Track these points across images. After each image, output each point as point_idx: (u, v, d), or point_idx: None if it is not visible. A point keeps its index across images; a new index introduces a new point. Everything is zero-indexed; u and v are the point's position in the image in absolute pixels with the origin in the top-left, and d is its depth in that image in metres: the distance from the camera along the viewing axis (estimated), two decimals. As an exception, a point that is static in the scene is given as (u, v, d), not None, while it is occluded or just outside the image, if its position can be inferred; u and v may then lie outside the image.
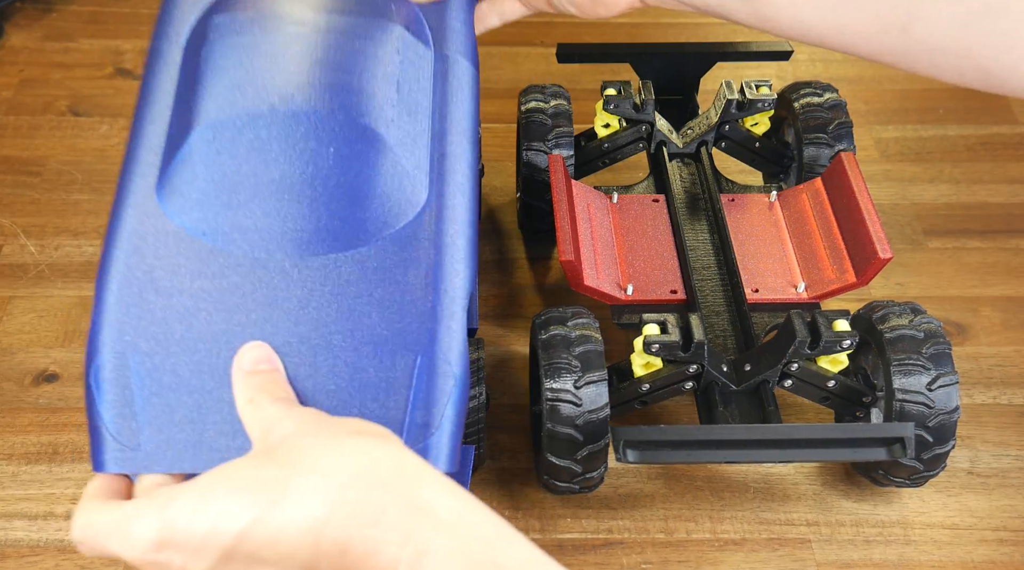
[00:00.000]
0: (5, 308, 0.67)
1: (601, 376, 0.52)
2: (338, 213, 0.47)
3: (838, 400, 0.57)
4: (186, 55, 0.53)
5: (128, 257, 0.47)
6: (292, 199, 0.47)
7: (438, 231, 0.48)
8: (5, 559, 0.55)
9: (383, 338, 0.45)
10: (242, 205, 0.47)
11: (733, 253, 0.62)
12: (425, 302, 0.46)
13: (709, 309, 0.60)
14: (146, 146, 0.50)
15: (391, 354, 0.45)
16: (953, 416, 0.53)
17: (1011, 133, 0.82)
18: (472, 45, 0.56)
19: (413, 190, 0.49)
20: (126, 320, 0.45)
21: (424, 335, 0.45)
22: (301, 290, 0.46)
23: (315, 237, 0.47)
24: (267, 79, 0.49)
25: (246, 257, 0.47)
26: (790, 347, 0.53)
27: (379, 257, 0.47)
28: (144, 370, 0.45)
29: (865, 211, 0.59)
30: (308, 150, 0.48)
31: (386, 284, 0.46)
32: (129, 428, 0.44)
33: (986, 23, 0.45)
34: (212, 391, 0.45)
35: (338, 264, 0.47)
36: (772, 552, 0.57)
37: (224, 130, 0.48)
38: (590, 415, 0.52)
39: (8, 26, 0.89)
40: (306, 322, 0.46)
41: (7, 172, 0.77)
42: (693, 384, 0.55)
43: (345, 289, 0.46)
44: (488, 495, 0.59)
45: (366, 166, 0.48)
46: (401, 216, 0.48)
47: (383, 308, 0.46)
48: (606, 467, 0.55)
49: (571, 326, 0.54)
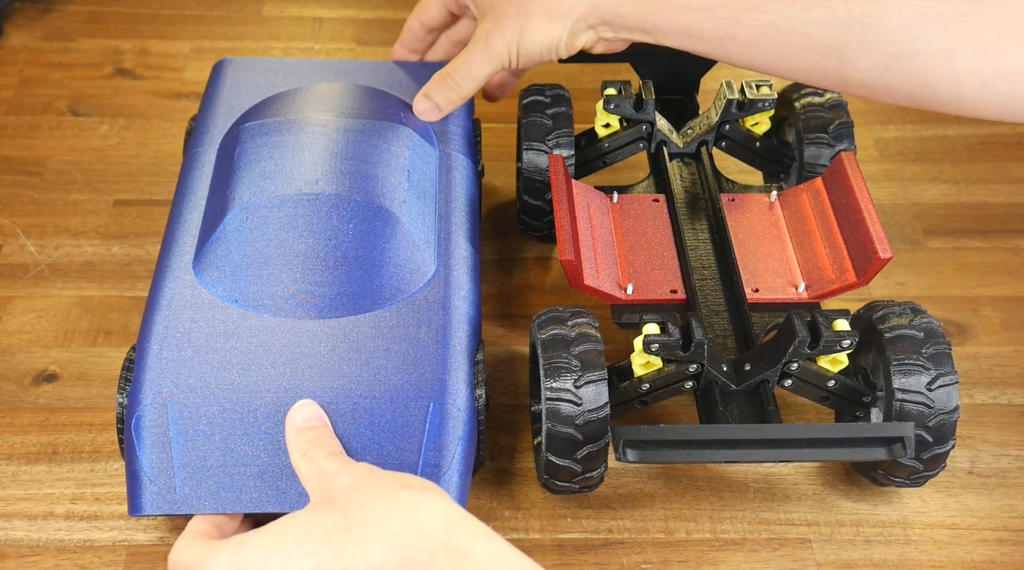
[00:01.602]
0: (5, 308, 0.67)
1: (601, 376, 0.52)
2: (357, 280, 0.54)
3: (838, 400, 0.56)
4: (220, 155, 0.61)
5: (166, 321, 0.53)
6: (316, 268, 0.54)
7: (445, 296, 0.55)
8: (5, 559, 0.55)
9: (398, 388, 0.51)
10: (271, 275, 0.54)
11: (733, 253, 0.62)
12: (436, 356, 0.52)
13: (709, 309, 0.60)
14: (183, 229, 0.58)
15: (405, 402, 0.51)
16: (953, 416, 0.53)
17: (1011, 133, 0.82)
18: (469, 144, 0.65)
19: (423, 261, 0.56)
20: (164, 375, 0.51)
21: (435, 385, 0.51)
22: (324, 347, 0.52)
23: (336, 301, 0.53)
24: (293, 168, 0.57)
25: (274, 320, 0.53)
26: (790, 347, 0.53)
27: (394, 318, 0.53)
28: (181, 419, 0.50)
29: (865, 211, 0.59)
30: (331, 228, 0.55)
31: (400, 341, 0.52)
32: (166, 473, 0.49)
33: (903, 65, 0.53)
34: (244, 438, 0.50)
35: (358, 325, 0.53)
36: (772, 552, 0.57)
37: (255, 211, 0.55)
38: (590, 415, 0.52)
39: (8, 26, 0.89)
40: (328, 375, 0.51)
41: (7, 172, 0.77)
42: (693, 384, 0.55)
43: (364, 345, 0.52)
44: (488, 495, 0.59)
45: (381, 240, 0.55)
46: (413, 283, 0.55)
47: (398, 362, 0.52)
48: (606, 466, 0.55)
49: (571, 325, 0.54)
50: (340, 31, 0.90)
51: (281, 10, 0.92)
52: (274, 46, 0.88)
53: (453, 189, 0.61)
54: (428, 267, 0.56)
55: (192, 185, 0.60)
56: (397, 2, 0.93)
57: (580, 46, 0.61)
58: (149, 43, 0.88)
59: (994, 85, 0.52)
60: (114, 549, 0.55)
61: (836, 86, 0.57)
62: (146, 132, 0.80)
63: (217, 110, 0.65)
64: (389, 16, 0.92)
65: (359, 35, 0.90)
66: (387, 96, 0.65)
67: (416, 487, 0.44)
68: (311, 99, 0.63)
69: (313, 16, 0.92)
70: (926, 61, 0.52)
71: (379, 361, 0.51)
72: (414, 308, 0.54)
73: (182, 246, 0.56)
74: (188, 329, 0.52)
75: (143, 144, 0.79)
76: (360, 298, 0.54)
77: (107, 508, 0.57)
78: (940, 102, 0.54)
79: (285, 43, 0.89)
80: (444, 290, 0.55)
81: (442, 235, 0.58)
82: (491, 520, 0.58)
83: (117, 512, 0.57)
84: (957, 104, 0.54)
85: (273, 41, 0.89)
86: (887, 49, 0.53)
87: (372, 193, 0.56)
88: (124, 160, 0.78)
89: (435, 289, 0.55)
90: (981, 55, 0.52)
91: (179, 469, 0.49)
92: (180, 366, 0.51)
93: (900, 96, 0.55)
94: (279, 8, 0.92)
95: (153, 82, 0.85)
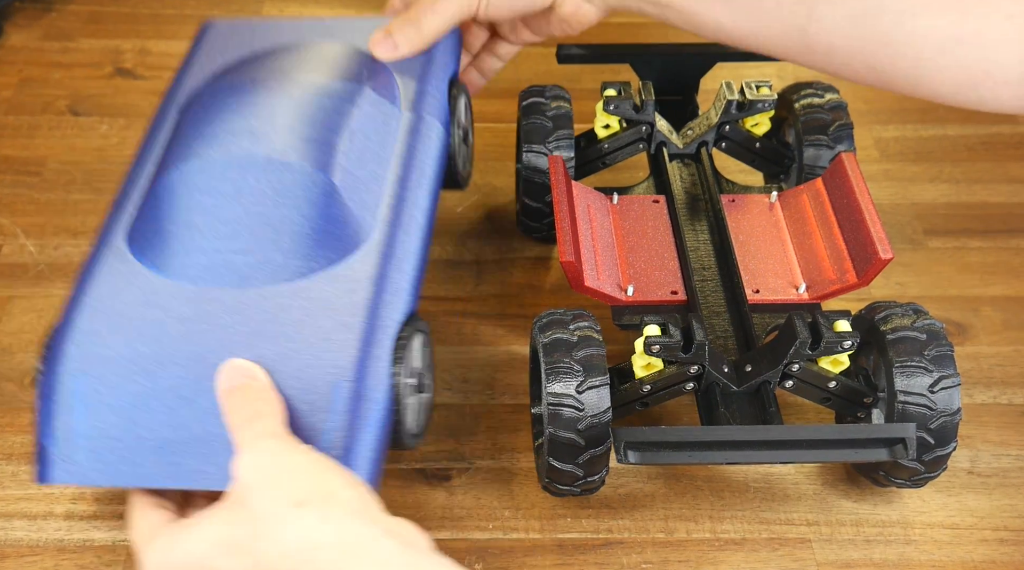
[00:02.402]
0: (5, 308, 0.67)
1: (603, 380, 0.52)
2: (280, 248, 0.51)
3: (839, 401, 0.56)
4: (178, 120, 0.59)
5: (88, 288, 0.51)
6: (238, 236, 0.51)
7: (379, 267, 0.51)
8: (4, 559, 0.55)
9: (306, 364, 0.48)
10: (193, 242, 0.51)
11: (734, 254, 0.62)
12: (353, 332, 0.48)
13: (710, 310, 0.60)
14: (126, 194, 0.56)
15: (312, 380, 0.47)
16: (955, 418, 0.53)
17: (1011, 133, 0.82)
18: (443, 108, 0.61)
19: (356, 230, 0.52)
20: (77, 343, 0.49)
21: (346, 362, 0.48)
22: (238, 318, 0.49)
23: (256, 270, 0.50)
24: (229, 131, 0.54)
25: (194, 289, 0.50)
26: (791, 348, 0.53)
27: (316, 289, 0.50)
28: (87, 389, 0.48)
29: (866, 211, 0.59)
30: (256, 192, 0.52)
31: (319, 315, 0.49)
32: (69, 443, 0.47)
33: (868, 22, 0.53)
34: (147, 411, 0.47)
35: (276, 295, 0.50)
36: (772, 552, 0.57)
37: (185, 176, 0.53)
38: (592, 419, 0.52)
39: (8, 26, 0.89)
40: (238, 347, 0.48)
41: (6, 172, 0.77)
42: (694, 385, 0.55)
43: (279, 317, 0.49)
44: (488, 494, 0.59)
45: (308, 206, 0.52)
46: (341, 252, 0.51)
47: (311, 336, 0.48)
48: (607, 470, 0.55)
49: (572, 329, 0.54)
50: (340, 31, 0.90)
51: (281, 10, 0.92)
52: (274, 46, 0.88)
53: (416, 153, 0.57)
54: (361, 236, 0.52)
55: (145, 149, 0.58)
56: (397, 2, 0.93)
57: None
58: (149, 43, 0.88)
59: (953, 52, 0.52)
60: (114, 549, 0.55)
61: (797, 51, 0.56)
62: (146, 132, 0.80)
63: (188, 74, 0.62)
64: (389, 16, 0.92)
65: (359, 35, 0.90)
66: (360, 55, 0.61)
67: (311, 503, 0.41)
68: (272, 60, 0.60)
69: (313, 16, 0.92)
70: (891, 20, 0.53)
71: (291, 334, 0.48)
72: (338, 280, 0.50)
73: (121, 211, 0.55)
74: (108, 297, 0.50)
75: (143, 144, 0.79)
76: (282, 267, 0.50)
77: (107, 508, 0.57)
78: (897, 70, 0.54)
79: (285, 43, 0.89)
80: (379, 261, 0.51)
81: (394, 202, 0.54)
82: (491, 520, 0.58)
83: (117, 512, 0.57)
84: (915, 73, 0.54)
85: (273, 41, 0.89)
86: (855, 3, 0.54)
87: (306, 155, 0.52)
88: (124, 160, 0.78)
89: (367, 260, 0.51)
90: (944, 17, 0.52)
91: (82, 440, 0.47)
92: (93, 335, 0.49)
93: (859, 63, 0.55)
94: (279, 8, 0.92)
95: (153, 82, 0.85)
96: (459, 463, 0.61)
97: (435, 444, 0.61)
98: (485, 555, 0.56)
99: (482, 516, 0.58)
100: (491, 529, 0.58)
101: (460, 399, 0.64)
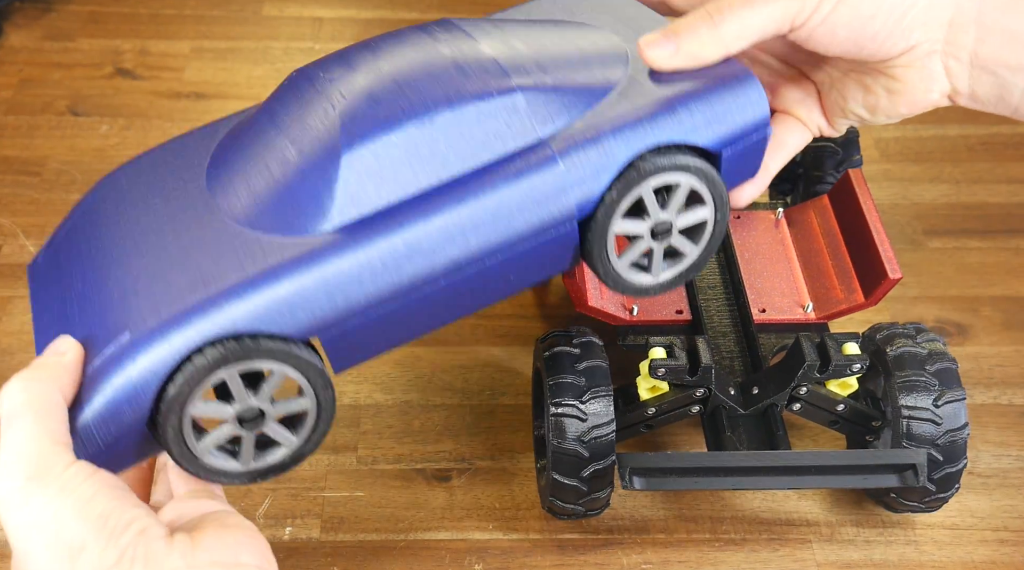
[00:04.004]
0: (5, 308, 0.67)
1: (607, 391, 0.52)
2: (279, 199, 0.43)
3: (847, 424, 0.56)
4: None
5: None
6: (255, 172, 0.44)
7: None
8: (4, 559, 0.55)
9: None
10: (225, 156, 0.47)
11: (739, 272, 0.61)
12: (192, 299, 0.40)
13: (715, 330, 0.60)
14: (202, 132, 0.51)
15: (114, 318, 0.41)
16: (963, 433, 0.52)
17: (1011, 133, 0.82)
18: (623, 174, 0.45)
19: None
20: None
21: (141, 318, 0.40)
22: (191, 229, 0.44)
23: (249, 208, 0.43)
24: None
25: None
26: (799, 371, 0.52)
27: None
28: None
29: (874, 229, 0.58)
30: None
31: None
32: None
33: None
34: None
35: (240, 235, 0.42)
36: (773, 552, 0.57)
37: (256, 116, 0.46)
38: (596, 431, 0.51)
39: (8, 26, 0.89)
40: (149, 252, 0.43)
41: (7, 172, 0.77)
42: (700, 408, 0.54)
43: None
44: (488, 494, 0.59)
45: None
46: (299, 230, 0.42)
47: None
48: (612, 488, 0.54)
49: (575, 344, 0.54)
50: (340, 31, 0.90)
51: (281, 10, 0.92)
52: (274, 46, 0.88)
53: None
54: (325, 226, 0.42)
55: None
56: (397, 2, 0.93)
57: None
58: (149, 43, 0.88)
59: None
60: (114, 549, 0.55)
61: None
62: (146, 132, 0.80)
63: None
64: (389, 16, 0.92)
65: (359, 35, 0.90)
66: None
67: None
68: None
69: (313, 16, 0.92)
70: None
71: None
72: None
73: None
74: (125, 188, 0.52)
75: (143, 144, 0.79)
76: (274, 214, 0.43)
77: (107, 508, 0.57)
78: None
79: (285, 43, 0.89)
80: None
81: None
82: (491, 520, 0.58)
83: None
84: None
85: (273, 41, 0.89)
86: None
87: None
88: (124, 160, 0.78)
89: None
90: None
91: None
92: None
93: None
94: (279, 8, 0.92)
95: (153, 82, 0.85)
96: (459, 463, 0.61)
97: (435, 444, 0.61)
98: (485, 555, 0.56)
99: (482, 516, 0.58)
100: (491, 529, 0.58)
101: (460, 399, 0.64)
